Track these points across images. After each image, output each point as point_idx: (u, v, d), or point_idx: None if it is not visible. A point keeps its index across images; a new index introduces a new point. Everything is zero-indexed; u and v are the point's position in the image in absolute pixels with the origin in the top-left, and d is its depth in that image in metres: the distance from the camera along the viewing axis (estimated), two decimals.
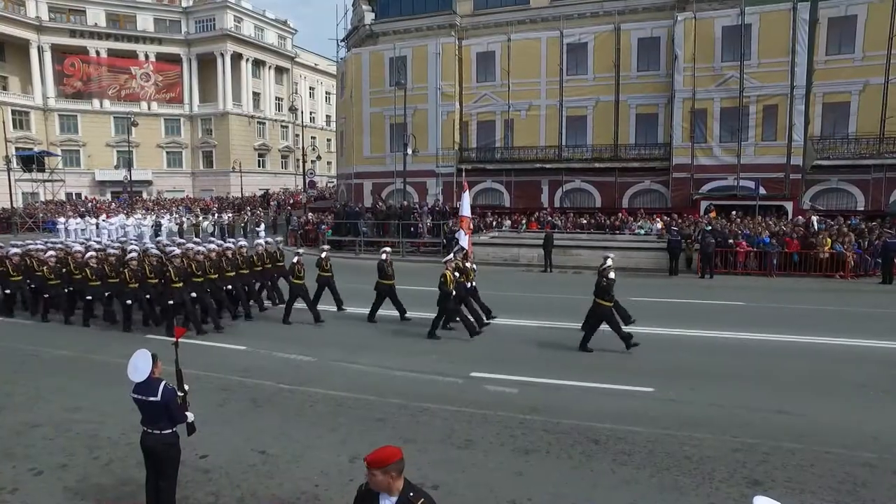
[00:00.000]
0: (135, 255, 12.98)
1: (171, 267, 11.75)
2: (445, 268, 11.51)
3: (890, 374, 9.15)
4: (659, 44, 29.88)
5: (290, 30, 66.73)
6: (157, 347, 5.31)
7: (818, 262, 19.67)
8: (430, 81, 33.40)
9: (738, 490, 5.55)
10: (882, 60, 26.26)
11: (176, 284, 11.66)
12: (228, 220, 35.17)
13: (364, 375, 9.34)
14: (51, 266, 13.56)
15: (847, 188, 27.54)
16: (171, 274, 11.61)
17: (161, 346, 7.93)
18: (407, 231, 26.84)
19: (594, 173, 31.31)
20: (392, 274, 13.10)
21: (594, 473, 5.95)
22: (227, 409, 7.78)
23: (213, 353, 10.66)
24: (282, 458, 6.32)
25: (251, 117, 60.02)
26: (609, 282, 10.20)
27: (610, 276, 10.29)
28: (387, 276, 13.00)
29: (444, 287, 11.31)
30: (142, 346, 5.01)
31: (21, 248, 14.74)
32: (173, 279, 11.63)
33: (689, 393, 8.30)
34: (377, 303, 13.03)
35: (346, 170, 38.33)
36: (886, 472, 5.90)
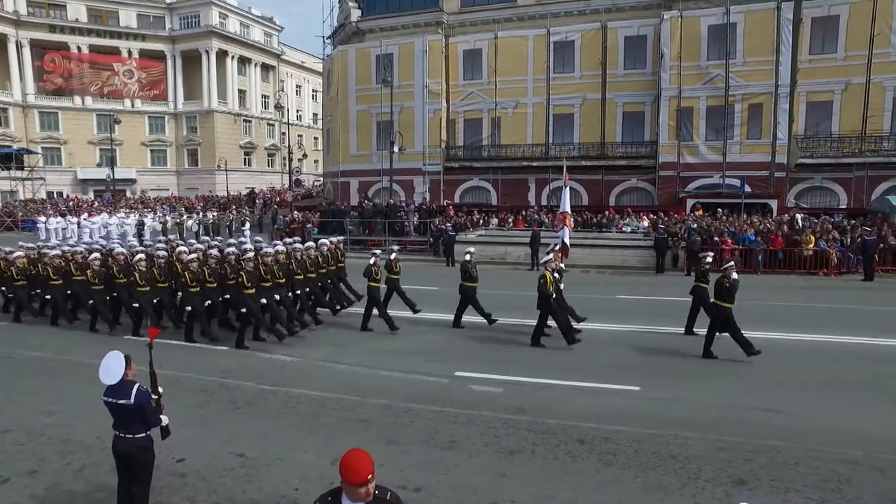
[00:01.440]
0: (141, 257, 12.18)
1: (242, 271, 10.63)
2: (545, 268, 10.81)
3: (872, 370, 9.18)
4: (645, 42, 29.96)
5: (277, 27, 66.13)
6: (130, 348, 5.15)
7: (802, 260, 19.83)
8: (417, 79, 33.23)
9: (723, 489, 5.51)
10: (863, 60, 26.55)
11: (248, 290, 10.49)
12: (213, 219, 34.77)
13: (348, 375, 9.22)
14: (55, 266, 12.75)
15: (830, 186, 27.82)
16: (244, 279, 10.49)
17: (134, 347, 7.75)
18: (393, 230, 26.68)
19: (581, 171, 31.33)
20: (476, 276, 12.28)
21: (579, 474, 5.88)
22: (206, 411, 7.61)
23: (193, 353, 10.48)
24: (261, 461, 6.17)
25: (237, 115, 59.41)
26: (732, 283, 9.74)
27: (733, 276, 9.83)
28: (471, 277, 12.15)
29: (544, 289, 10.52)
30: (116, 348, 4.85)
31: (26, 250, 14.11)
32: (246, 284, 10.50)
33: (674, 392, 8.27)
34: (462, 306, 12.22)
35: (333, 168, 38.06)
36: (869, 470, 5.89)
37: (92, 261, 12.24)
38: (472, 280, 12.19)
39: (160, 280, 11.72)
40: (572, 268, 20.24)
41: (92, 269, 12.00)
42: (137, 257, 12.08)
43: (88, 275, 11.95)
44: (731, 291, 9.73)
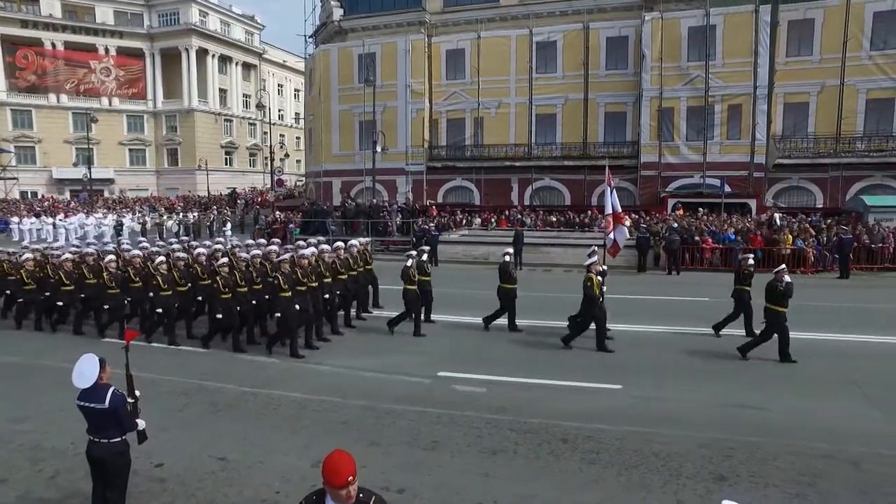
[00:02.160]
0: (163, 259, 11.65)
1: (278, 274, 10.16)
2: (588, 271, 10.53)
3: (846, 366, 9.35)
4: (627, 43, 30.23)
5: (258, 25, 65.53)
6: (106, 352, 5.04)
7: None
8: (400, 79, 33.16)
9: (703, 486, 5.56)
10: (838, 63, 27.11)
11: (284, 293, 9.98)
12: (194, 220, 34.32)
13: (329, 376, 9.14)
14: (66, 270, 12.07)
15: (807, 186, 28.33)
16: (280, 282, 9.99)
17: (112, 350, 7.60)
18: (376, 230, 26.58)
19: (563, 171, 31.51)
20: (516, 278, 11.93)
21: (562, 473, 5.88)
22: (186, 414, 7.49)
23: (172, 356, 10.31)
24: (242, 464, 6.09)
25: (218, 114, 58.74)
26: (787, 286, 9.53)
27: (786, 279, 9.63)
28: (512, 279, 11.73)
29: (590, 291, 10.28)
30: (92, 351, 4.73)
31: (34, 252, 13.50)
32: (282, 287, 10.00)
33: (656, 390, 8.33)
34: (502, 310, 11.81)
35: (315, 168, 37.81)
36: (843, 463, 6.00)
37: (108, 263, 11.61)
38: (513, 282, 11.69)
39: (181, 283, 11.07)
40: (555, 268, 20.36)
41: (108, 272, 11.38)
42: (159, 259, 11.46)
43: (105, 278, 11.31)
44: (787, 294, 9.51)
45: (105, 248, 14.68)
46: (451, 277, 14.42)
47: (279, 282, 10.02)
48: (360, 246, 13.25)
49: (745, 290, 10.98)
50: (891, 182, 27.02)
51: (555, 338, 11.15)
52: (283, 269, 10.20)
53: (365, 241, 14.08)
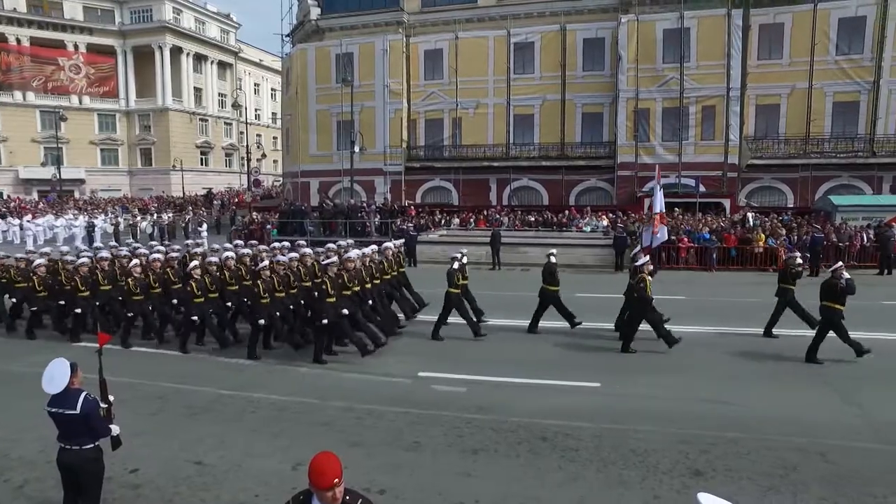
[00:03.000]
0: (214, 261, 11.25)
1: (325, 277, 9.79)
2: (641, 271, 10.34)
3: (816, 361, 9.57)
4: (603, 44, 30.54)
5: (234, 24, 64.65)
6: (78, 356, 4.92)
7: (754, 257, 20.55)
8: (378, 79, 33.04)
9: (680, 481, 5.64)
10: (806, 66, 27.78)
11: (330, 299, 9.57)
12: (169, 221, 33.69)
13: (309, 378, 9.07)
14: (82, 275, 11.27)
15: (778, 186, 28.99)
16: (328, 286, 9.57)
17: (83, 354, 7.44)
18: (354, 230, 26.45)
19: (541, 171, 31.73)
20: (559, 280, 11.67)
21: (541, 471, 5.92)
22: (162, 418, 7.36)
23: (147, 360, 10.13)
24: (219, 468, 6.00)
25: (193, 114, 57.77)
26: (849, 282, 9.38)
27: (846, 276, 9.47)
28: (556, 280, 11.54)
29: (644, 293, 10.05)
30: (63, 355, 4.63)
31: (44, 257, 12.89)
32: (329, 292, 9.55)
33: (634, 387, 8.43)
34: (539, 311, 11.60)
35: (293, 168, 37.46)
36: (814, 455, 6.16)
37: (132, 268, 11.04)
38: (556, 283, 11.46)
39: (212, 290, 10.66)
40: (533, 267, 20.46)
41: (133, 278, 10.81)
42: (193, 264, 10.81)
43: (130, 283, 10.75)
44: (849, 291, 9.43)
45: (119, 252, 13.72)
46: (430, 278, 14.41)
47: (327, 286, 9.53)
48: (394, 248, 12.82)
49: (791, 288, 10.94)
50: (856, 182, 27.82)
51: (533, 336, 11.23)
52: (331, 273, 9.80)
53: (398, 244, 13.68)
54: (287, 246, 13.67)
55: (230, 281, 11.30)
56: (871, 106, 27.55)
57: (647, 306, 10.10)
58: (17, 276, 12.21)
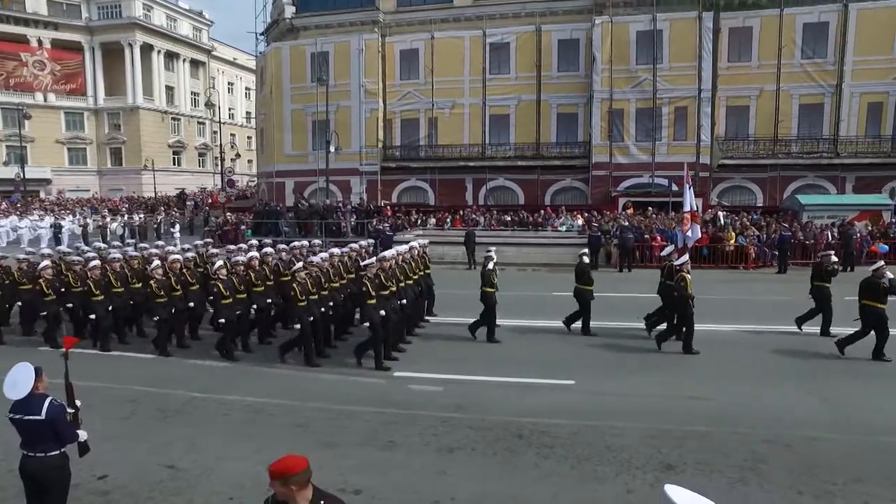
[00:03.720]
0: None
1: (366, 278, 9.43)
2: (680, 270, 10.36)
3: (783, 356, 9.86)
4: (578, 45, 30.81)
5: (206, 21, 63.65)
6: (44, 360, 4.80)
7: (724, 255, 20.99)
8: (354, 78, 32.85)
9: (653, 475, 5.74)
10: (774, 69, 28.44)
11: (371, 300, 9.23)
12: (140, 222, 33.00)
13: (284, 379, 8.98)
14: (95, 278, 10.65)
15: (748, 185, 29.63)
16: (368, 287, 9.26)
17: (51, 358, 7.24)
18: (330, 230, 26.27)
19: (517, 171, 31.91)
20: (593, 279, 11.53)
21: (517, 468, 5.96)
22: (132, 423, 7.22)
23: (118, 363, 9.93)
24: (192, 472, 5.92)
25: (164, 113, 56.69)
26: (892, 282, 9.32)
27: (888, 275, 9.43)
28: (589, 280, 11.38)
29: (685, 291, 10.01)
30: (29, 359, 4.50)
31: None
32: (372, 293, 9.26)
33: (608, 384, 8.55)
34: (583, 313, 11.42)
35: (267, 168, 37.02)
36: (782, 448, 6.33)
37: (154, 270, 10.54)
38: (590, 283, 11.41)
39: (240, 291, 10.26)
40: (509, 266, 20.57)
41: (156, 280, 10.33)
42: (219, 265, 10.32)
43: (153, 286, 10.25)
44: (889, 292, 9.44)
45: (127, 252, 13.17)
46: None
47: (367, 287, 9.26)
48: (420, 247, 12.39)
49: (826, 286, 10.98)
50: (822, 182, 28.60)
51: (508, 334, 11.30)
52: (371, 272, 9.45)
53: (424, 243, 13.31)
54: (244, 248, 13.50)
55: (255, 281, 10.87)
56: (834, 108, 28.36)
57: (686, 305, 10.09)
58: (22, 279, 11.54)
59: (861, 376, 8.88)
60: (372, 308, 9.16)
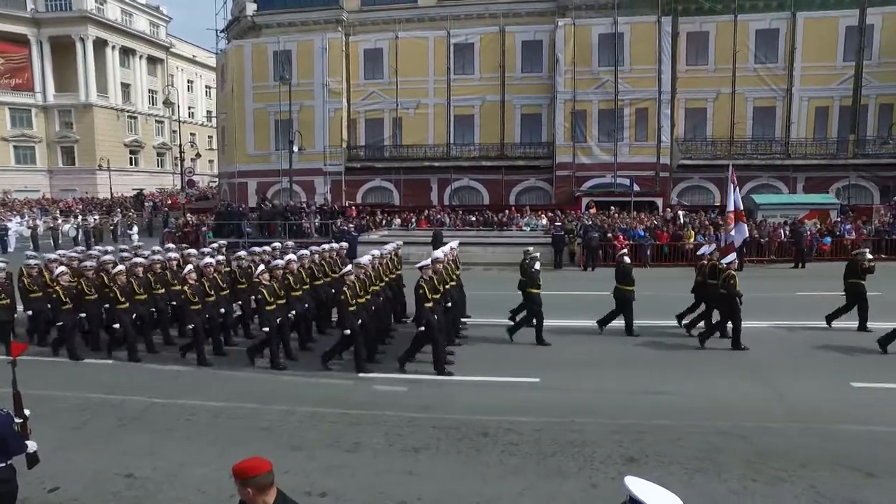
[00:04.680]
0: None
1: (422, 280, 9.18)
2: (728, 268, 10.24)
3: (739, 351, 10.13)
4: (542, 47, 31.18)
5: (164, 17, 61.91)
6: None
7: (684, 253, 21.55)
8: (317, 77, 32.49)
9: (615, 469, 5.86)
10: (729, 73, 29.39)
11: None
12: (95, 223, 31.88)
13: (247, 383, 8.83)
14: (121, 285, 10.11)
15: (706, 185, 30.51)
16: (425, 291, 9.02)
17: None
18: (294, 231, 25.94)
19: (482, 171, 32.11)
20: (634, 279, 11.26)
21: (483, 466, 6.01)
22: (87, 431, 6.98)
23: (71, 370, 9.59)
24: (151, 480, 5.76)
25: (120, 111, 54.90)
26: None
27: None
28: (631, 280, 11.11)
29: (734, 289, 9.92)
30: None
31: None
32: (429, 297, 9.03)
33: (572, 381, 8.67)
34: (626, 314, 11.21)
35: (229, 168, 36.28)
36: (736, 438, 6.55)
37: (187, 274, 9.94)
38: (632, 283, 11.18)
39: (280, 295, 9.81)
40: (474, 266, 20.66)
41: (189, 285, 9.71)
42: (261, 268, 9.84)
43: (188, 292, 9.69)
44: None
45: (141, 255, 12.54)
46: None
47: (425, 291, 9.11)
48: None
49: (861, 283, 11.04)
50: (775, 182, 29.70)
51: (473, 334, 11.36)
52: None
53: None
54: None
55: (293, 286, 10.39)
56: (785, 112, 29.51)
57: (733, 303, 10.09)
58: (32, 286, 10.79)
59: (806, 365, 9.24)
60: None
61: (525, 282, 11.00)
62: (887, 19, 28.31)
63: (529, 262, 11.05)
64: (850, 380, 8.48)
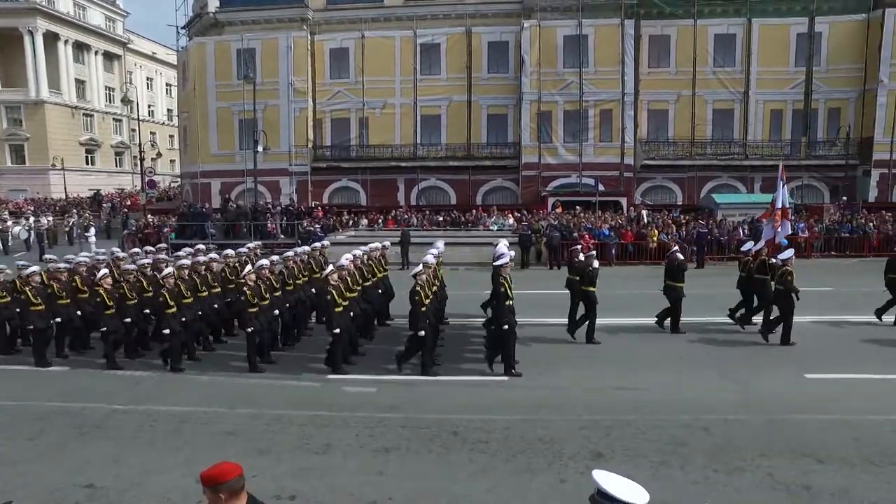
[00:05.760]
0: None
1: None
2: (784, 265, 10.29)
3: (702, 346, 10.49)
4: (508, 48, 31.43)
5: (121, 11, 59.98)
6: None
7: (648, 251, 22.04)
8: (282, 76, 32.03)
9: (583, 464, 5.96)
10: (690, 76, 30.21)
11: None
12: (49, 225, 30.72)
13: (213, 387, 8.66)
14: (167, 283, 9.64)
15: (669, 185, 31.32)
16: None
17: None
18: (259, 232, 25.52)
19: (449, 171, 32.19)
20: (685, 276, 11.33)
21: (453, 464, 6.04)
22: (42, 442, 6.72)
23: (25, 377, 9.24)
24: (114, 489, 5.60)
25: (75, 108, 52.94)
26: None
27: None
28: (681, 277, 11.18)
29: (791, 285, 9.92)
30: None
31: None
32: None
33: (541, 379, 8.78)
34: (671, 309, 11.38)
35: (191, 168, 35.46)
36: (699, 431, 6.75)
37: (248, 275, 9.54)
38: (682, 280, 11.27)
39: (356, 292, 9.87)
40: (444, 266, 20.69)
41: (249, 287, 9.34)
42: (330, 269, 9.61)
43: (248, 295, 9.24)
44: None
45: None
46: None
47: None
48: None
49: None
50: (734, 182, 30.67)
51: (442, 334, 11.38)
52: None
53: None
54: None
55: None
56: (742, 114, 30.49)
57: (789, 299, 10.20)
58: (61, 291, 10.20)
59: (766, 360, 9.58)
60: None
61: (573, 280, 11.20)
62: (834, 28, 29.60)
63: (587, 260, 11.17)
64: (805, 371, 8.85)
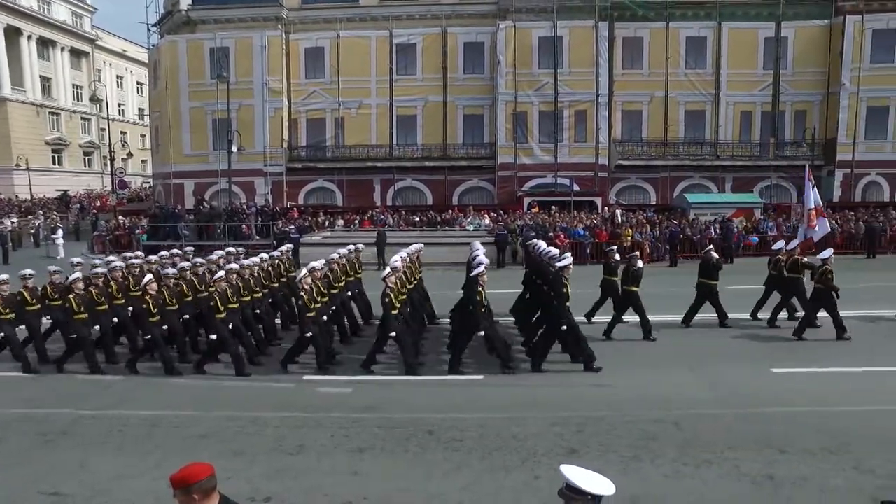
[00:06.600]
0: None
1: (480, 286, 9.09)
2: (824, 264, 10.30)
3: (674, 343, 10.67)
4: (483, 48, 31.54)
5: (88, 7, 58.51)
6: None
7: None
8: (257, 76, 31.65)
9: (557, 460, 5.97)
10: (662, 77, 30.71)
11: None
12: (13, 227, 29.86)
13: (185, 390, 8.54)
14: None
15: (643, 185, 31.79)
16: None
17: None
18: (233, 233, 25.23)
19: (425, 171, 32.20)
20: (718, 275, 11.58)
21: (428, 463, 6.06)
22: (4, 450, 6.54)
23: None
24: (80, 496, 5.49)
25: (40, 106, 51.53)
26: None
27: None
28: (716, 275, 11.39)
29: (830, 283, 9.94)
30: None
31: None
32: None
33: (516, 377, 8.85)
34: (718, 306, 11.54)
35: (164, 168, 34.82)
36: (670, 426, 6.88)
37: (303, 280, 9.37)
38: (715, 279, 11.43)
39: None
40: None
41: (304, 290, 9.20)
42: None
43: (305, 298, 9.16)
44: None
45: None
46: None
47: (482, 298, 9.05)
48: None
49: None
50: (706, 182, 31.28)
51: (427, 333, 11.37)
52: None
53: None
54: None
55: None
56: (713, 115, 31.11)
57: (830, 297, 10.34)
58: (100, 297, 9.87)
59: (735, 356, 9.80)
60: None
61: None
62: (799, 33, 30.42)
63: (630, 260, 11.38)
64: (771, 366, 9.10)
